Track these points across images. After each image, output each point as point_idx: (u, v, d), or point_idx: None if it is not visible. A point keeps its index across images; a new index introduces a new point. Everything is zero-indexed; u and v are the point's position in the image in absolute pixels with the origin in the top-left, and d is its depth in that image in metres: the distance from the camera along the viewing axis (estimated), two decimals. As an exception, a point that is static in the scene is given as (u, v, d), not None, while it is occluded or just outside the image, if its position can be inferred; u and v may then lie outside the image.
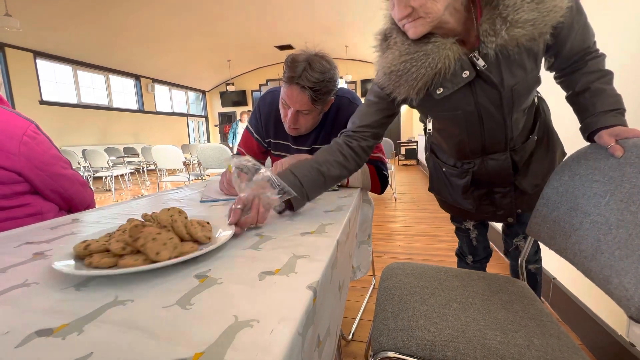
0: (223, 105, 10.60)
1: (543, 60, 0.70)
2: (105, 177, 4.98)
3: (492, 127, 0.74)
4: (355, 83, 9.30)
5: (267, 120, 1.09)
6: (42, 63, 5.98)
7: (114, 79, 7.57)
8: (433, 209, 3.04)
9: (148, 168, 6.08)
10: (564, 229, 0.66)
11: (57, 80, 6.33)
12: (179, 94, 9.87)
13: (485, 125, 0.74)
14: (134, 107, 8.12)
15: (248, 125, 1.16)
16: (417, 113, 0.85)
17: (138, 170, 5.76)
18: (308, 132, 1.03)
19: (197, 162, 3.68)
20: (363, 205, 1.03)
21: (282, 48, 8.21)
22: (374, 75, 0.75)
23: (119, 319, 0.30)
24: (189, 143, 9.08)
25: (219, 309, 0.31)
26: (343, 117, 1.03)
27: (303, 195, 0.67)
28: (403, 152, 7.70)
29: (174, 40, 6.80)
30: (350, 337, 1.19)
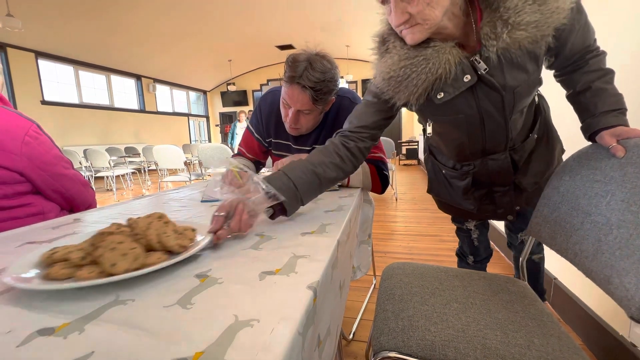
0: (224, 105, 10.60)
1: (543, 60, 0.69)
2: (107, 177, 4.99)
3: (493, 129, 0.73)
4: (356, 83, 9.29)
5: (268, 120, 1.10)
6: (43, 63, 5.99)
7: (115, 79, 7.59)
8: (434, 209, 3.03)
9: (149, 168, 6.09)
10: (565, 229, 0.66)
11: (58, 80, 6.35)
12: (180, 94, 9.88)
13: (487, 128, 0.73)
14: (135, 107, 8.14)
15: (249, 125, 1.16)
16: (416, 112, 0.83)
17: (139, 170, 5.77)
18: (309, 132, 1.03)
19: (198, 162, 3.68)
20: (364, 205, 1.03)
21: (282, 48, 8.22)
22: (372, 76, 0.73)
23: (120, 319, 0.30)
24: (190, 143, 9.09)
25: (220, 309, 0.31)
26: (344, 117, 1.02)
27: (297, 199, 0.62)
28: (404, 151, 7.69)
29: (175, 41, 6.81)
30: (351, 336, 1.19)
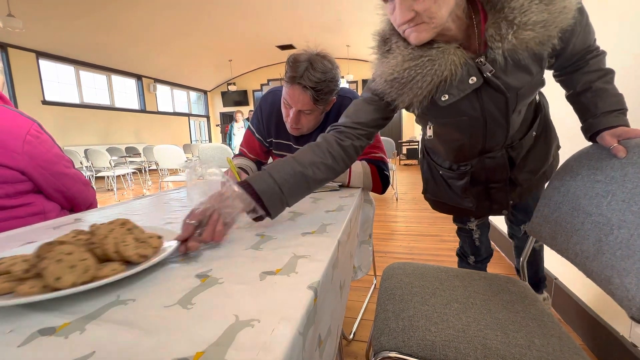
0: (224, 105, 10.61)
1: None
2: (107, 176, 5.00)
3: (494, 130, 0.73)
4: (357, 83, 9.29)
5: (268, 120, 1.10)
6: (44, 63, 6.00)
7: (116, 79, 7.59)
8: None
9: (150, 168, 6.10)
10: (566, 229, 0.66)
11: (59, 81, 6.36)
12: (181, 94, 9.89)
13: (488, 129, 0.72)
14: (136, 107, 8.15)
15: (250, 125, 1.16)
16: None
17: (140, 170, 5.78)
18: (310, 131, 1.04)
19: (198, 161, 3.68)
20: (364, 205, 1.03)
21: (283, 48, 8.22)
22: (372, 75, 0.71)
23: (121, 318, 0.30)
24: (191, 143, 9.10)
25: (220, 309, 0.31)
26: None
27: (282, 203, 0.59)
28: (404, 151, 7.68)
29: (176, 41, 6.82)
30: (352, 336, 1.19)
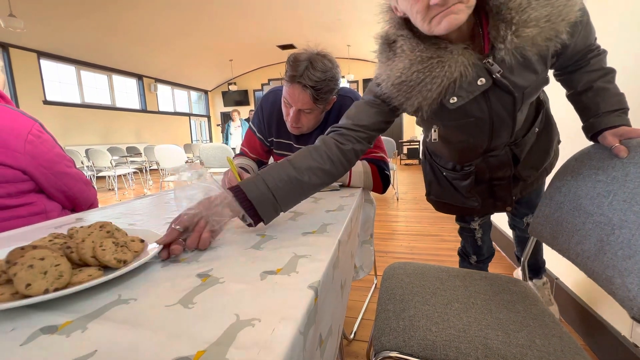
0: (225, 105, 10.60)
1: None
2: (108, 176, 5.01)
3: (500, 130, 0.72)
4: (357, 82, 9.28)
5: (269, 120, 1.10)
6: (45, 63, 6.01)
7: (117, 79, 7.60)
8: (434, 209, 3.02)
9: (151, 167, 6.11)
10: (567, 229, 0.66)
11: (60, 80, 6.37)
12: (181, 94, 9.89)
13: (495, 129, 0.72)
14: (137, 106, 8.15)
15: (251, 125, 1.16)
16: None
17: (141, 170, 5.79)
18: (310, 131, 1.04)
19: (199, 161, 3.69)
20: (365, 205, 1.03)
21: (283, 47, 8.21)
22: (373, 78, 0.68)
23: (122, 317, 0.30)
24: (191, 142, 9.11)
25: (221, 308, 0.31)
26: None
27: (275, 209, 0.57)
28: (405, 151, 7.68)
29: (176, 40, 6.82)
30: (352, 336, 1.19)
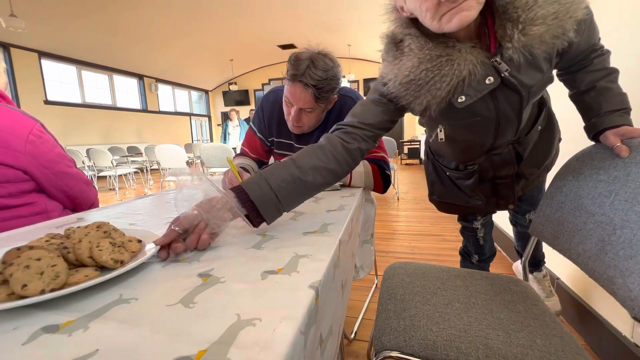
0: (226, 105, 10.61)
1: None
2: (109, 176, 5.02)
3: (506, 128, 0.72)
4: (358, 82, 9.27)
5: (270, 119, 1.10)
6: (46, 63, 6.02)
7: (118, 79, 7.61)
8: (435, 209, 3.01)
9: (151, 167, 6.11)
10: (568, 229, 0.66)
11: (61, 80, 6.38)
12: (182, 94, 9.90)
13: (500, 128, 0.72)
14: (138, 106, 8.16)
15: (251, 125, 1.16)
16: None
17: (141, 170, 5.79)
18: (311, 130, 1.04)
19: (200, 161, 3.69)
20: (365, 205, 1.03)
21: (284, 47, 8.21)
22: (378, 78, 0.68)
23: (124, 317, 0.30)
24: (192, 142, 9.10)
25: (222, 308, 0.31)
26: (346, 116, 1.03)
27: (278, 210, 0.57)
28: (406, 151, 7.67)
29: (177, 40, 6.83)
30: (353, 336, 1.19)
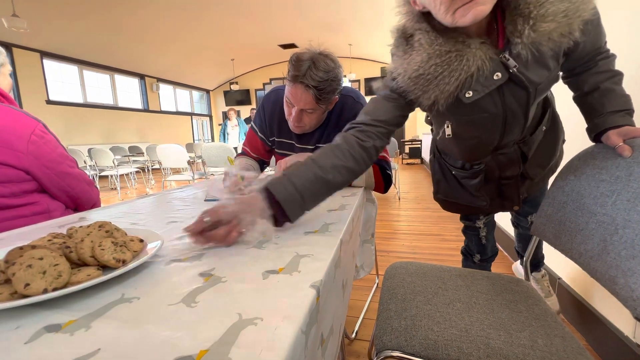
0: (227, 104, 10.61)
1: None
2: (111, 175, 5.03)
3: (513, 126, 0.72)
4: (359, 82, 9.26)
5: (271, 119, 1.10)
6: (48, 63, 6.04)
7: (119, 79, 7.62)
8: (437, 208, 2.99)
9: (153, 167, 6.12)
10: (570, 229, 0.66)
11: (63, 80, 6.39)
12: (183, 93, 9.91)
13: (507, 126, 0.72)
14: (139, 106, 8.18)
15: (253, 125, 1.16)
16: (421, 112, 0.81)
17: (143, 169, 5.81)
18: (312, 130, 1.04)
19: (201, 161, 3.69)
20: (366, 205, 1.03)
21: (285, 47, 8.21)
22: (388, 73, 0.68)
23: (126, 316, 0.30)
24: (193, 142, 9.11)
25: (223, 307, 0.31)
26: (347, 115, 1.03)
27: (302, 209, 0.58)
28: (407, 150, 7.66)
29: (178, 40, 6.83)
30: (354, 336, 1.19)
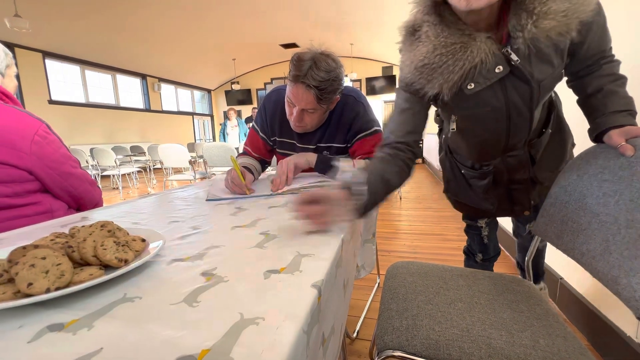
0: (228, 104, 10.62)
1: None
2: (113, 175, 5.05)
3: (517, 123, 0.72)
4: (361, 81, 9.25)
5: (272, 119, 1.10)
6: (50, 63, 6.06)
7: (121, 79, 7.64)
8: (438, 208, 3.02)
9: (154, 166, 6.13)
10: (572, 229, 0.65)
11: (65, 80, 6.41)
12: (185, 93, 9.93)
13: (512, 122, 0.72)
14: (141, 106, 8.19)
15: (254, 124, 1.16)
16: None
17: (145, 169, 5.83)
18: (314, 129, 1.04)
19: (202, 160, 3.70)
20: (368, 204, 1.03)
21: (286, 46, 8.20)
22: (399, 76, 0.70)
23: (128, 316, 0.30)
24: (195, 142, 9.12)
25: (225, 307, 0.31)
26: (348, 115, 1.03)
27: (370, 212, 0.63)
28: (408, 150, 7.65)
29: (180, 40, 6.84)
30: (355, 335, 1.19)
